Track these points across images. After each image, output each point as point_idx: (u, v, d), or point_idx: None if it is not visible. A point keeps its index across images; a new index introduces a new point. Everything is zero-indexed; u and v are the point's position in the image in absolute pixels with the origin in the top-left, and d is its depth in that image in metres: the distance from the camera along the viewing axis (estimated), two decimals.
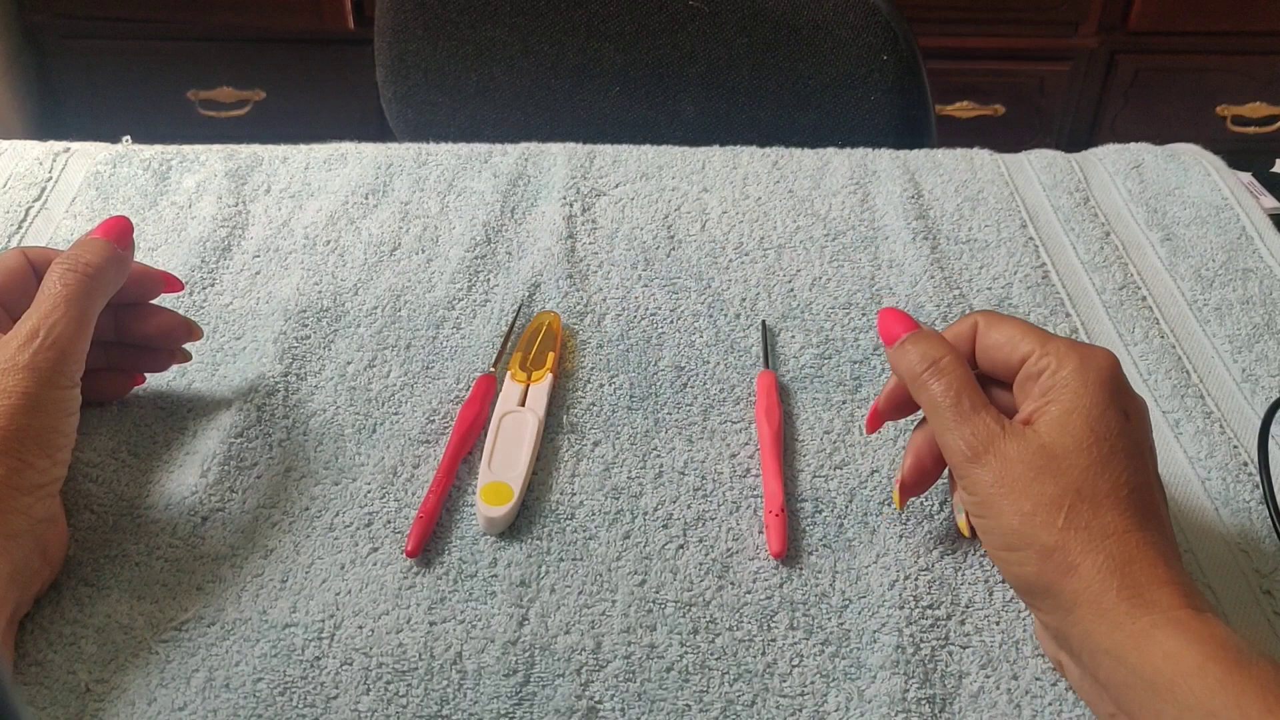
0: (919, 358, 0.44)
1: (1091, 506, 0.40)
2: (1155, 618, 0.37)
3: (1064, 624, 0.40)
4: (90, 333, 0.47)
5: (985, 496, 0.41)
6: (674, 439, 0.54)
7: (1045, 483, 0.40)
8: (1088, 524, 0.39)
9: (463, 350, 0.59)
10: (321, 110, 1.86)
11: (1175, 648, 0.37)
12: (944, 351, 0.44)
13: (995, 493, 0.41)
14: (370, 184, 0.71)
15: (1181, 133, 0.79)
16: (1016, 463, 0.41)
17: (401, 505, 0.50)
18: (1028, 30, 1.79)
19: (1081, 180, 0.73)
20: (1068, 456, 0.40)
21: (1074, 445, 0.41)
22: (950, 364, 0.44)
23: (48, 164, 0.71)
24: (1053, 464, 0.40)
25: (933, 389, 0.43)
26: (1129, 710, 0.38)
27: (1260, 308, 0.62)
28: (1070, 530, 0.39)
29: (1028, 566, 0.40)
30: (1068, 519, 0.39)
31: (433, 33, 0.98)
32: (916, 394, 0.44)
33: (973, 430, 0.42)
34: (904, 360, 0.45)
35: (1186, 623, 0.37)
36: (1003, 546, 0.41)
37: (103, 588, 0.46)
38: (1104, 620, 0.38)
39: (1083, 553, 0.39)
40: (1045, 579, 0.40)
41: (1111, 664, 0.38)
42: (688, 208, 0.69)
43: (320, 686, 0.43)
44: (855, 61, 0.91)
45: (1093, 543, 0.39)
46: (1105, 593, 0.38)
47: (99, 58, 1.83)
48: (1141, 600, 0.38)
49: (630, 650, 0.44)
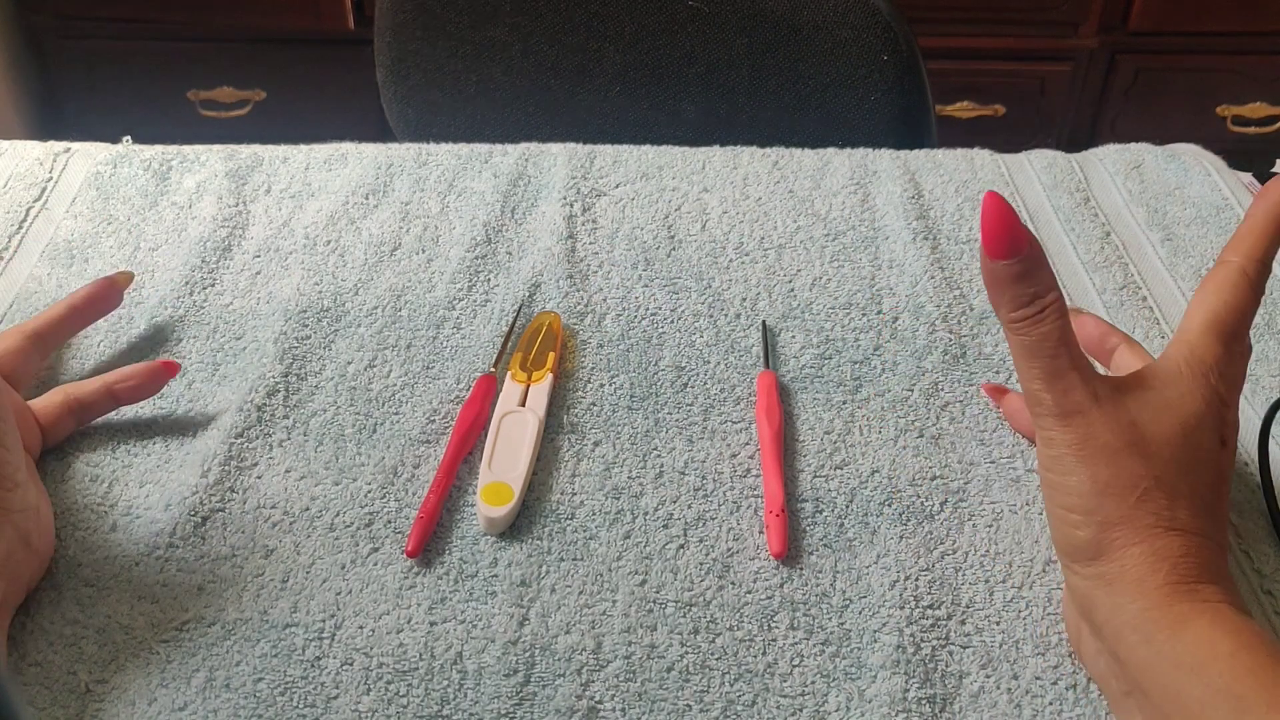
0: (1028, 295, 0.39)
1: (1168, 496, 0.39)
2: (1194, 605, 0.37)
3: (1097, 594, 0.40)
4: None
5: (1064, 454, 0.40)
6: (674, 439, 0.54)
7: (1128, 459, 0.39)
8: (1159, 510, 0.39)
9: (463, 350, 0.59)
10: (322, 110, 1.86)
11: (1210, 634, 0.37)
12: (1053, 289, 0.40)
13: (1078, 451, 0.40)
14: (370, 184, 0.71)
15: (1182, 133, 0.79)
16: (1103, 431, 0.39)
17: (402, 505, 0.50)
18: (1028, 30, 1.79)
19: (1082, 180, 0.73)
20: (1155, 443, 0.40)
21: (1164, 437, 0.40)
22: (1056, 309, 0.40)
23: (48, 164, 0.72)
24: (1140, 444, 0.39)
25: (1035, 333, 0.40)
26: (1147, 689, 0.38)
27: (1261, 308, 0.62)
28: (1140, 509, 0.39)
29: (1084, 531, 0.40)
30: (1140, 500, 0.39)
31: (433, 33, 0.98)
32: (1010, 330, 0.40)
33: (1066, 387, 0.40)
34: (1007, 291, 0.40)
35: (1224, 614, 0.37)
36: (1065, 506, 0.40)
37: (103, 588, 0.46)
38: (1142, 599, 0.38)
39: (1144, 534, 0.39)
40: (1098, 547, 0.39)
41: (1137, 641, 0.38)
42: (688, 208, 0.69)
43: (321, 686, 0.43)
44: (855, 62, 0.91)
45: (1157, 529, 0.39)
46: (1153, 575, 0.38)
47: (99, 58, 1.83)
48: (1185, 589, 0.38)
49: (631, 650, 0.44)
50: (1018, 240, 0.39)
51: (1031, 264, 0.39)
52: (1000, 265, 0.39)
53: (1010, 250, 0.39)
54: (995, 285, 0.40)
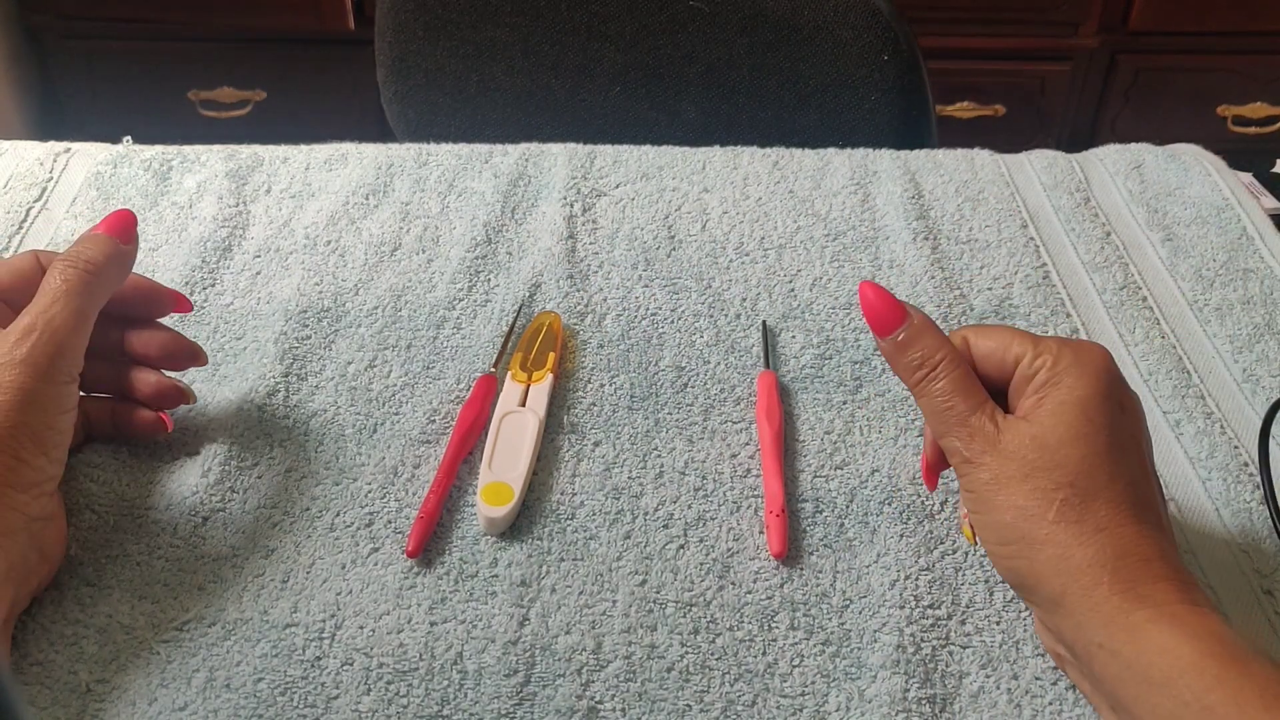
0: (916, 360, 0.44)
1: (1083, 500, 0.40)
2: (1149, 612, 0.37)
3: (1057, 618, 0.40)
4: (89, 329, 0.46)
5: (981, 493, 0.41)
6: (674, 439, 0.54)
7: (1038, 477, 0.40)
8: (1079, 518, 0.39)
9: (463, 350, 0.59)
10: (322, 110, 1.86)
11: (1171, 643, 0.37)
12: (940, 349, 0.43)
13: (990, 489, 0.41)
14: (371, 184, 0.71)
15: (1182, 133, 0.79)
16: (1011, 458, 0.41)
17: (402, 505, 0.50)
18: (1028, 30, 1.79)
19: (1082, 180, 0.73)
20: (1062, 448, 0.40)
21: (1069, 436, 0.41)
22: (947, 365, 0.43)
23: (48, 164, 0.72)
24: (1046, 457, 0.40)
25: (930, 392, 0.43)
26: (1124, 704, 0.38)
27: (1261, 308, 0.62)
28: (1061, 524, 0.39)
29: (1020, 560, 0.40)
30: (1059, 513, 0.40)
31: (433, 33, 0.98)
32: (914, 394, 0.44)
33: (969, 432, 0.42)
34: (899, 360, 0.44)
35: (1182, 617, 0.37)
36: (996, 541, 0.41)
37: (104, 588, 0.46)
38: (1096, 614, 0.38)
39: (1074, 546, 0.39)
40: (1037, 572, 0.40)
41: (1106, 657, 0.38)
42: (688, 208, 0.69)
43: (321, 687, 0.43)
44: (856, 62, 0.91)
45: (1084, 536, 0.39)
46: (1097, 586, 0.38)
47: (99, 58, 1.83)
48: (1135, 594, 0.38)
49: (631, 650, 0.44)
50: (897, 315, 0.44)
51: (915, 332, 0.44)
52: (888, 341, 0.44)
53: (892, 326, 0.44)
54: (890, 358, 0.44)
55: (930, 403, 0.43)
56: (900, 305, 0.44)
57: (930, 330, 0.44)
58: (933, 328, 0.44)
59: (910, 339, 0.44)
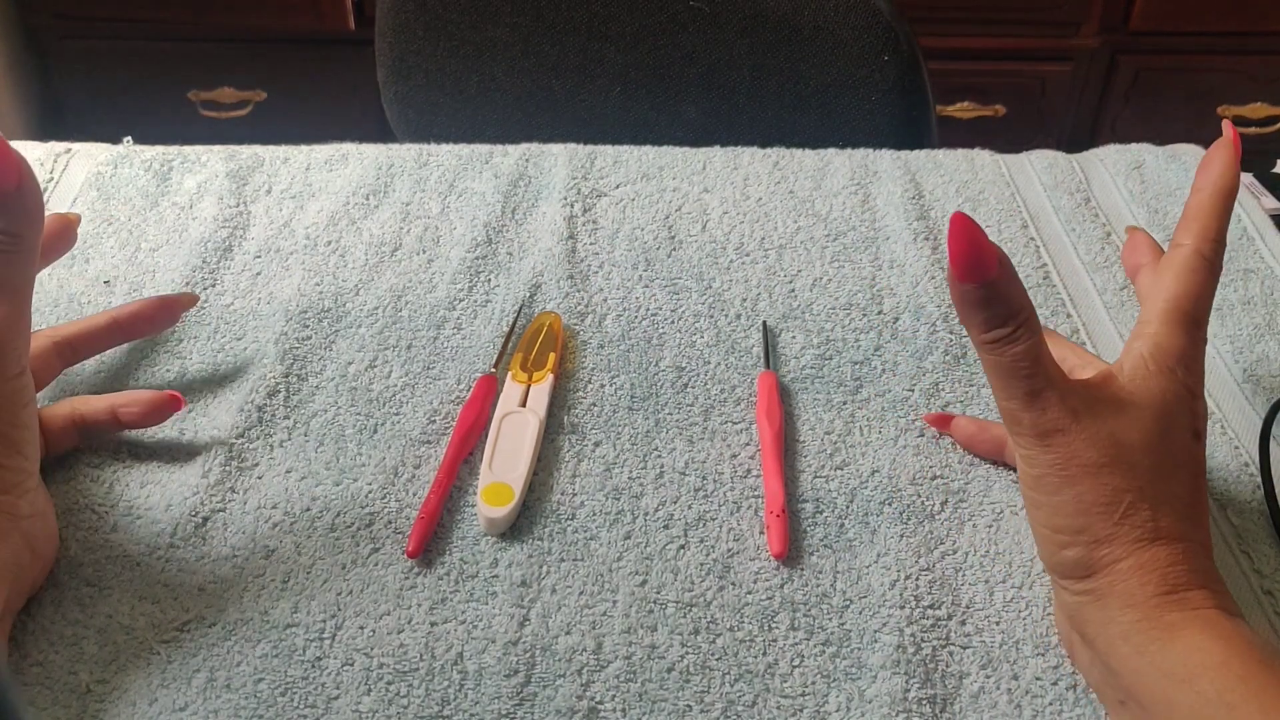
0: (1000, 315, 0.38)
1: (1151, 507, 0.39)
2: (1185, 614, 0.38)
3: (1088, 609, 0.40)
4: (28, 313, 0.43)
5: (1045, 477, 0.40)
6: (675, 439, 0.54)
7: (1110, 475, 0.39)
8: (1143, 522, 0.39)
9: (464, 351, 0.59)
10: (322, 111, 1.86)
11: (1200, 642, 0.37)
12: (1025, 308, 0.39)
13: (1057, 475, 0.40)
14: (371, 184, 0.71)
15: (1182, 133, 0.79)
16: (1084, 450, 0.39)
17: (402, 506, 0.50)
18: (1029, 30, 1.79)
19: (1082, 181, 0.73)
20: (1135, 453, 0.39)
21: (1143, 444, 0.40)
22: (1029, 328, 0.39)
23: (49, 165, 0.72)
24: (1121, 458, 0.39)
25: (1009, 354, 0.39)
26: (1140, 699, 0.38)
27: (1261, 308, 0.62)
28: (1124, 524, 0.39)
29: (1072, 550, 0.40)
30: (1125, 514, 0.39)
31: (434, 33, 0.98)
32: (984, 352, 0.40)
33: (1044, 407, 0.39)
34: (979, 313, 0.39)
35: (1214, 621, 0.37)
36: (1051, 526, 0.40)
37: (104, 588, 0.46)
38: (1133, 611, 0.38)
39: (1132, 548, 0.39)
40: (1086, 564, 0.40)
41: (1129, 652, 0.38)
42: (688, 208, 0.69)
43: (321, 687, 0.43)
44: (856, 62, 0.91)
45: (1143, 541, 0.39)
46: (1142, 588, 0.38)
47: (99, 58, 1.83)
48: (1174, 598, 0.38)
49: (631, 651, 0.44)
50: (987, 261, 0.37)
51: (1003, 284, 0.38)
52: (970, 288, 0.38)
53: (980, 272, 0.38)
54: (966, 307, 0.39)
55: (1004, 365, 0.39)
56: (994, 248, 0.38)
57: (1018, 284, 0.39)
58: (1019, 283, 0.39)
59: (999, 290, 0.38)
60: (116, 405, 0.51)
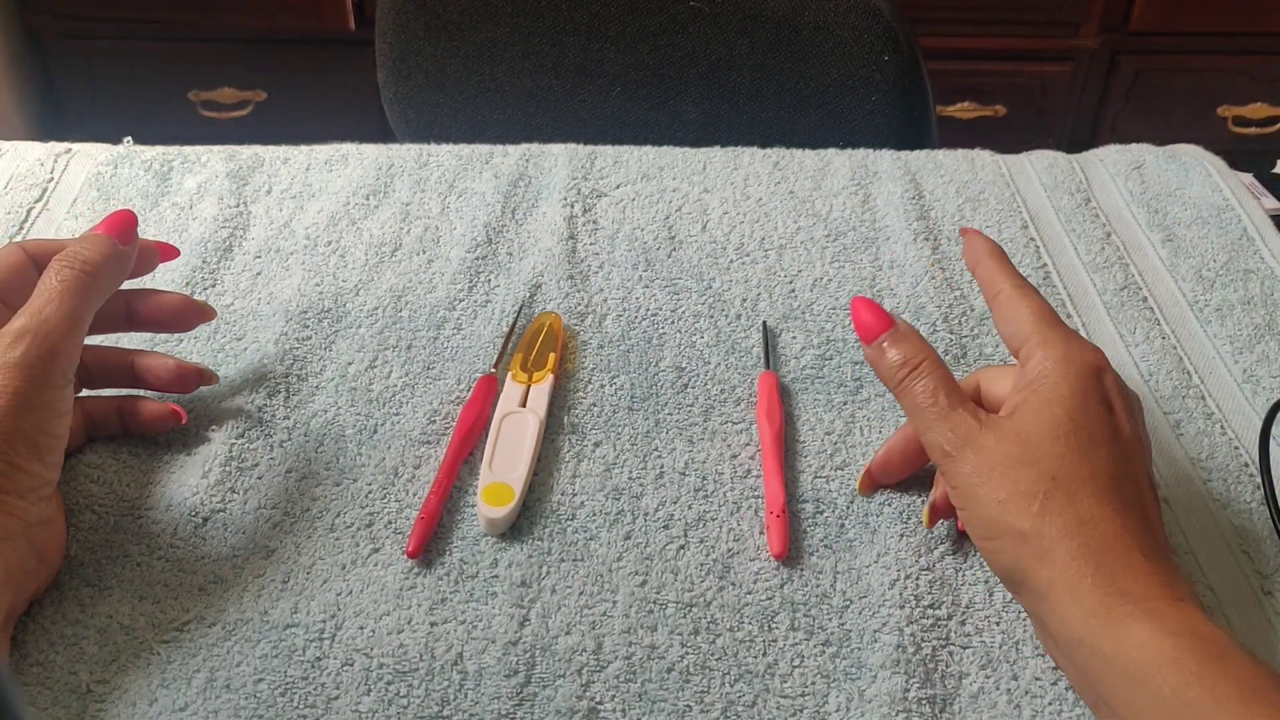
0: (898, 360, 0.45)
1: (1067, 493, 0.40)
2: (1130, 608, 0.38)
3: (1042, 612, 0.40)
4: (84, 331, 0.46)
5: (964, 487, 0.42)
6: (675, 440, 0.54)
7: (1021, 470, 0.41)
8: (1062, 510, 0.40)
9: (464, 351, 0.59)
10: (322, 111, 1.86)
11: (1150, 639, 0.37)
12: (922, 352, 0.45)
13: (973, 483, 0.41)
14: (371, 185, 0.71)
15: (1183, 133, 0.79)
16: (993, 453, 0.41)
17: (402, 506, 0.50)
18: (1029, 30, 1.79)
19: (1083, 181, 0.73)
20: (1044, 444, 0.41)
21: (1050, 433, 0.41)
22: (929, 365, 0.44)
23: (49, 165, 0.72)
24: (1029, 452, 0.41)
25: (913, 390, 0.44)
26: (1105, 698, 0.38)
27: (1261, 308, 0.62)
28: (1045, 516, 0.40)
29: (1005, 554, 0.41)
30: (1043, 505, 0.40)
31: (434, 33, 0.98)
32: (896, 395, 0.45)
33: (951, 426, 0.43)
34: (883, 362, 0.45)
35: (1163, 613, 0.37)
36: (983, 535, 0.42)
37: (104, 588, 0.46)
38: (1079, 607, 0.38)
39: (1057, 539, 0.39)
40: (1021, 565, 0.40)
41: (1087, 653, 0.38)
42: (689, 208, 0.69)
43: (321, 687, 0.43)
44: (856, 62, 0.91)
45: (1068, 529, 0.39)
46: (1080, 580, 0.39)
47: (100, 58, 1.83)
48: (1117, 589, 0.38)
49: (631, 651, 0.44)
50: (882, 323, 0.46)
51: (899, 337, 0.45)
52: (873, 346, 0.46)
53: (877, 333, 0.45)
54: (874, 362, 0.46)
55: (912, 401, 0.44)
56: (887, 315, 0.46)
57: (914, 335, 0.45)
58: (916, 335, 0.45)
59: (893, 341, 0.45)
60: (121, 407, 0.52)
